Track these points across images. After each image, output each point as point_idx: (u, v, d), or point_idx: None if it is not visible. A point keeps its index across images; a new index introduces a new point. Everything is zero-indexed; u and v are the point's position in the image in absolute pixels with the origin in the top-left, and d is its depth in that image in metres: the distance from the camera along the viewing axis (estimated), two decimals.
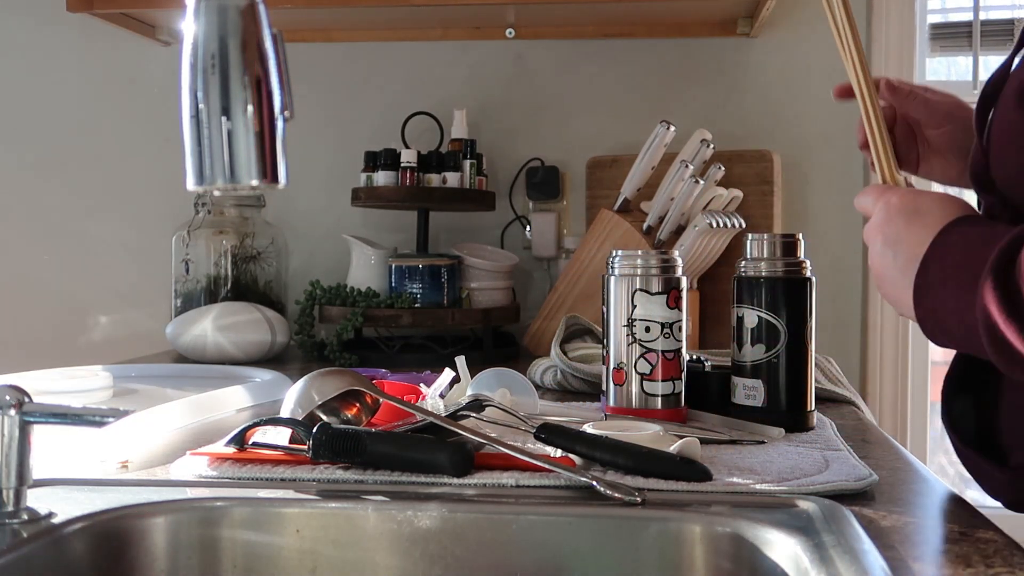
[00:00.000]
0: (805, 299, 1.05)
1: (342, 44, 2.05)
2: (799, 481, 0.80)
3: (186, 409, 1.10)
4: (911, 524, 0.71)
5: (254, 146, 0.67)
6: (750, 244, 1.08)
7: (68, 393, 1.20)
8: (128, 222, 2.10)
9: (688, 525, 0.73)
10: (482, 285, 1.79)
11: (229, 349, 1.66)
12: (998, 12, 2.01)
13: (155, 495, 0.78)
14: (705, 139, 1.69)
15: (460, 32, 2.02)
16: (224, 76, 0.66)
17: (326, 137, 2.03)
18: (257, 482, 0.82)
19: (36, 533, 0.68)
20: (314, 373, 0.93)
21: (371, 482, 0.81)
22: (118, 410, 0.70)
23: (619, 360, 1.07)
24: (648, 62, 2.00)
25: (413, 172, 1.76)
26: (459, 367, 1.08)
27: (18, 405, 0.69)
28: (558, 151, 2.00)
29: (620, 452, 0.83)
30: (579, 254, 1.72)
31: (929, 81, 2.01)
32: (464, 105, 1.90)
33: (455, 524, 0.74)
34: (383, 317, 1.68)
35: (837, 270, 1.95)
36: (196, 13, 0.67)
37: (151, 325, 2.03)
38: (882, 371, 1.92)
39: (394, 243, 1.93)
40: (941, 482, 0.84)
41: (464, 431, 0.87)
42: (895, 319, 1.91)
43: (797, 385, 1.05)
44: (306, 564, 0.75)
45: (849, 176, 1.95)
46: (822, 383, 1.29)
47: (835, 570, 0.61)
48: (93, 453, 0.91)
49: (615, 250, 1.10)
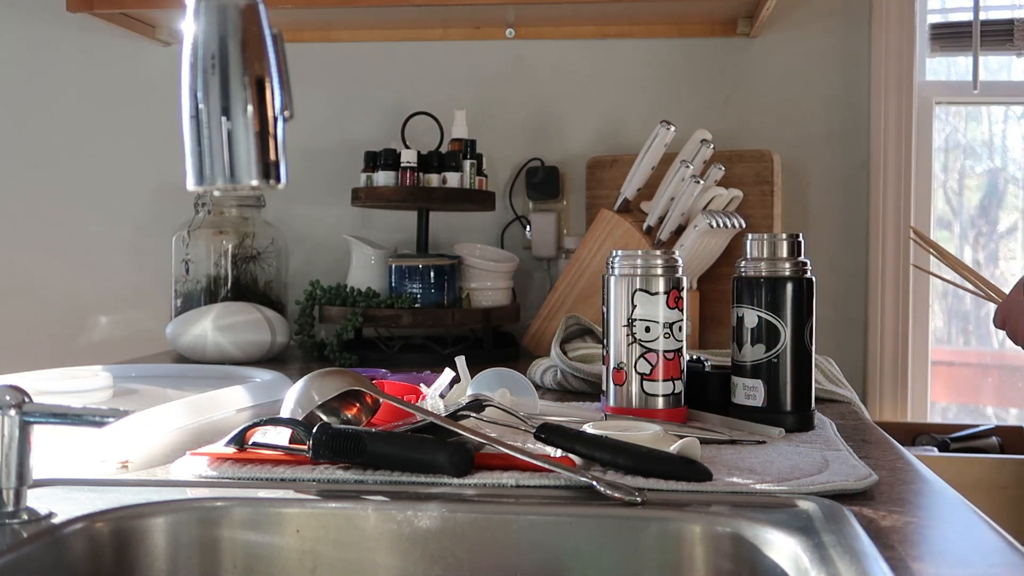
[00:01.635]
0: (805, 299, 1.05)
1: (342, 44, 2.05)
2: (799, 481, 0.80)
3: (186, 409, 1.10)
4: (911, 524, 0.71)
5: (254, 146, 0.67)
6: (750, 244, 1.08)
7: (68, 393, 1.20)
8: (128, 222, 2.10)
9: (688, 525, 0.73)
10: (482, 285, 1.79)
11: (229, 349, 1.66)
12: (998, 12, 2.01)
13: (155, 495, 0.78)
14: (705, 139, 1.69)
15: (460, 32, 2.02)
16: (224, 76, 0.66)
17: (326, 137, 2.03)
18: (257, 482, 0.82)
19: (36, 533, 0.67)
20: (314, 373, 0.93)
21: (371, 482, 0.81)
22: (118, 410, 0.70)
23: (619, 360, 1.07)
24: (648, 62, 2.00)
25: (413, 172, 1.76)
26: (459, 367, 1.08)
27: (18, 405, 0.69)
28: (558, 151, 2.00)
29: (620, 452, 0.83)
30: (579, 254, 1.72)
31: (929, 81, 2.01)
32: (464, 105, 1.90)
33: (455, 524, 0.74)
34: (383, 317, 1.68)
35: (837, 270, 1.95)
36: (196, 13, 0.67)
37: (151, 325, 2.03)
38: (882, 371, 1.92)
39: (394, 243, 1.93)
40: (941, 482, 0.84)
41: (464, 431, 0.87)
42: (895, 319, 1.92)
43: (797, 385, 1.05)
44: (306, 564, 0.75)
45: (849, 176, 1.96)
46: (822, 383, 1.29)
47: (835, 570, 0.61)
48: (93, 453, 0.91)
49: (615, 250, 1.10)
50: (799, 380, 1.05)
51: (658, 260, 1.07)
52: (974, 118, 2.17)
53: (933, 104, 2.00)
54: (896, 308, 1.92)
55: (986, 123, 2.18)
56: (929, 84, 2.00)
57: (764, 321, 1.05)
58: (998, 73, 2.12)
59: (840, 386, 1.35)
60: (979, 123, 2.18)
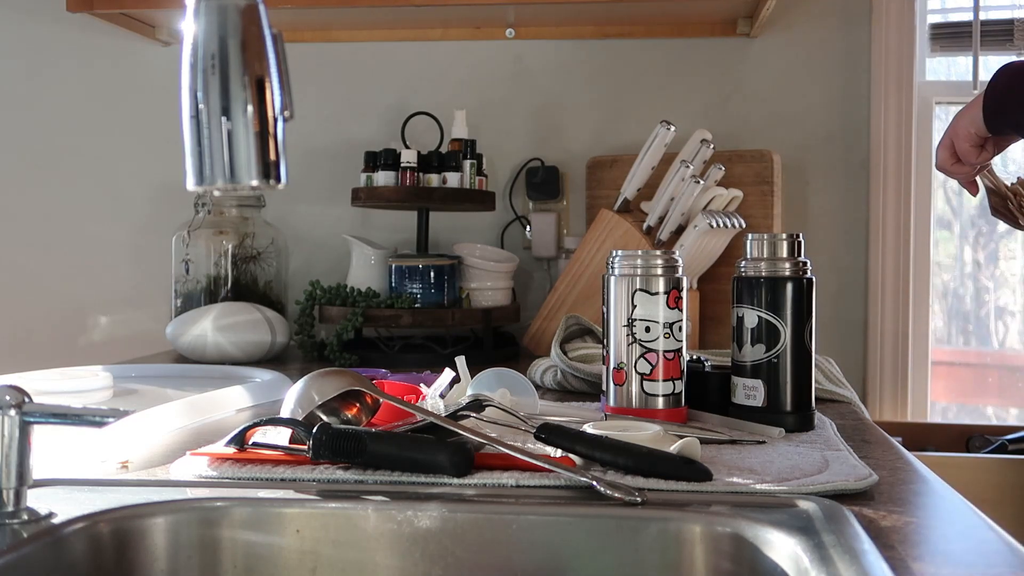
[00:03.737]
0: (805, 299, 1.05)
1: (342, 44, 2.05)
2: (799, 481, 0.80)
3: (186, 409, 1.10)
4: (911, 524, 0.71)
5: (254, 146, 0.67)
6: (750, 244, 1.08)
7: (68, 393, 1.20)
8: (128, 222, 2.10)
9: (688, 525, 0.73)
10: (482, 285, 1.79)
11: (229, 349, 1.66)
12: (998, 12, 2.01)
13: (155, 495, 0.78)
14: (705, 139, 1.69)
15: (460, 32, 2.02)
16: (224, 76, 0.66)
17: (326, 137, 2.03)
18: (257, 482, 0.82)
19: (36, 533, 0.67)
20: (314, 373, 0.93)
21: (371, 482, 0.81)
22: (118, 410, 0.70)
23: (619, 360, 1.07)
24: (648, 62, 2.00)
25: (413, 172, 1.76)
26: (459, 367, 1.08)
27: (18, 405, 0.69)
28: (558, 151, 2.00)
29: (620, 452, 0.83)
30: (579, 254, 1.72)
31: (929, 81, 2.01)
32: (464, 105, 1.90)
33: (455, 524, 0.74)
34: (383, 317, 1.68)
35: (837, 270, 1.95)
36: (196, 13, 0.67)
37: (151, 325, 2.03)
38: (882, 371, 1.92)
39: (394, 243, 1.93)
40: (941, 482, 0.84)
41: (464, 431, 0.87)
42: (895, 319, 1.92)
43: (797, 385, 1.05)
44: (306, 564, 0.75)
45: (849, 176, 1.96)
46: (822, 383, 1.29)
47: (835, 570, 0.61)
48: (93, 453, 0.91)
49: (615, 250, 1.10)
50: (799, 380, 1.05)
51: (658, 260, 1.07)
52: None
53: (933, 104, 2.00)
54: (896, 308, 1.92)
55: None
56: (929, 84, 2.00)
57: (764, 321, 1.05)
58: None
59: (840, 386, 1.35)
60: None
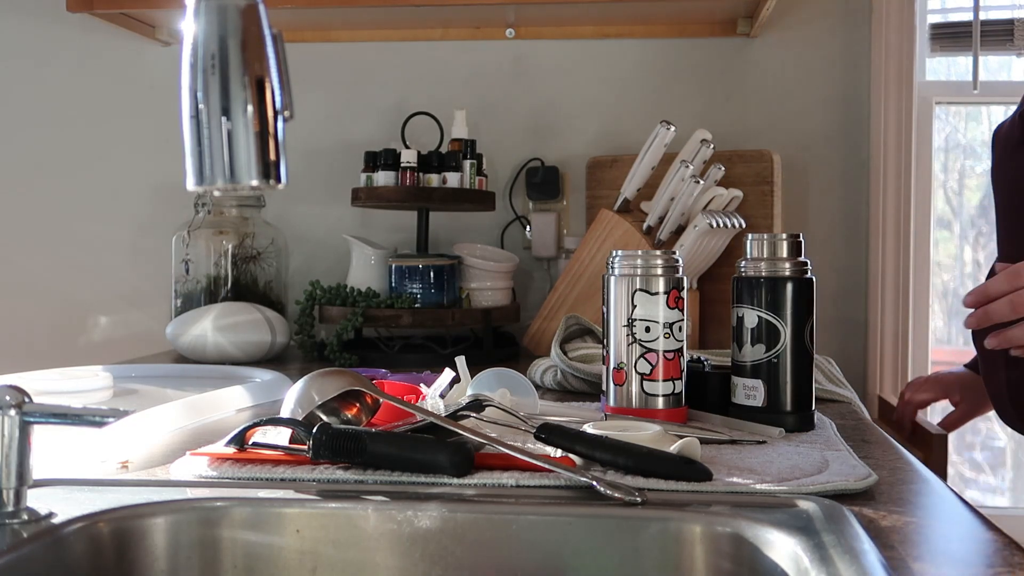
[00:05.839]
0: (805, 299, 1.05)
1: (342, 44, 2.05)
2: (799, 481, 0.80)
3: (186, 409, 1.10)
4: (911, 524, 0.71)
5: (254, 146, 0.67)
6: (750, 244, 1.08)
7: (68, 393, 1.20)
8: (128, 222, 2.10)
9: (688, 525, 0.73)
10: (482, 285, 1.79)
11: (229, 349, 1.66)
12: (998, 12, 2.01)
13: (155, 495, 0.78)
14: (705, 139, 1.69)
15: (460, 32, 2.02)
16: (224, 76, 0.66)
17: (326, 137, 2.03)
18: (257, 482, 0.82)
19: (36, 533, 0.67)
20: (314, 373, 0.93)
21: (371, 482, 0.81)
22: (118, 410, 0.70)
23: (619, 360, 1.07)
24: (648, 62, 2.00)
25: (413, 172, 1.76)
26: (459, 367, 1.08)
27: (18, 405, 0.69)
28: (558, 151, 2.00)
29: (620, 452, 0.83)
30: (579, 254, 1.72)
31: (929, 81, 2.01)
32: (464, 105, 1.90)
33: (455, 524, 0.74)
34: (383, 317, 1.68)
35: (837, 270, 1.95)
36: (196, 13, 0.67)
37: (151, 325, 2.03)
38: (882, 371, 1.92)
39: (394, 243, 1.93)
40: (941, 482, 0.84)
41: (464, 431, 0.87)
42: (895, 319, 1.91)
43: (797, 385, 1.05)
44: (306, 564, 0.75)
45: (849, 176, 1.96)
46: (822, 383, 1.29)
47: (835, 570, 0.61)
48: (93, 453, 0.91)
49: (615, 250, 1.10)
50: (799, 380, 1.05)
51: (658, 260, 1.07)
52: (974, 118, 2.17)
53: (933, 104, 2.00)
54: (896, 308, 1.91)
55: (986, 123, 2.17)
56: (929, 84, 2.00)
57: (764, 321, 1.05)
58: (998, 73, 2.12)
59: (840, 386, 1.35)
60: (979, 123, 2.18)
